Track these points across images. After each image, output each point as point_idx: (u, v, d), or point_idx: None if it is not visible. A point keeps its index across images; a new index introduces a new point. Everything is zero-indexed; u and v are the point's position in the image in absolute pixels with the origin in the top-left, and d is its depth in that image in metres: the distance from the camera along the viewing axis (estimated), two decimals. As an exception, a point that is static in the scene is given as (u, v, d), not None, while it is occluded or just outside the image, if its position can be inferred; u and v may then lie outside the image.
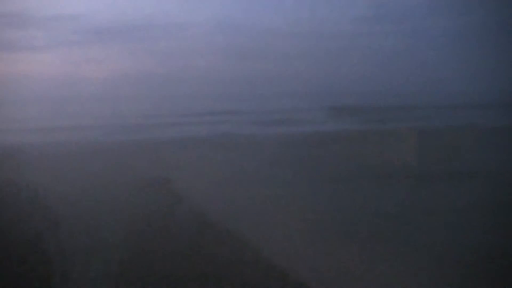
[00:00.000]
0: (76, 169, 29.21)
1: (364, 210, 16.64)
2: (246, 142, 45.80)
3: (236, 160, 27.48)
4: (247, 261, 11.65)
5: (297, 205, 16.33)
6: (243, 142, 45.97)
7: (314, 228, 13.43)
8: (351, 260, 12.05)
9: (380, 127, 55.67)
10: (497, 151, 31.41)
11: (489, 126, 40.35)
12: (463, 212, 17.88)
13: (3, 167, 29.56)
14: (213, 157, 28.91)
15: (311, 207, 16.05)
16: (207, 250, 12.38)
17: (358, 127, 57.52)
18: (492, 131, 35.29)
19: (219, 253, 12.16)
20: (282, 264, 11.86)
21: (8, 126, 66.60)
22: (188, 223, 13.37)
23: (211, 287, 11.47)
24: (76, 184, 26.72)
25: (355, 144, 39.54)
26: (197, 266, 12.49)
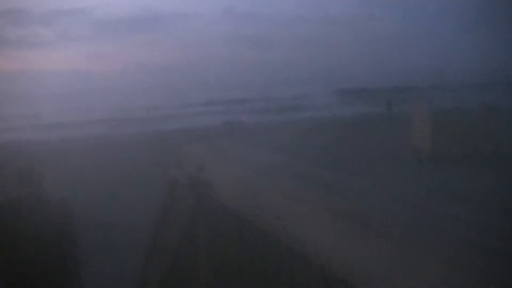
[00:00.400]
0: (91, 165, 28.99)
1: (383, 197, 16.42)
2: (256, 130, 45.68)
3: (250, 149, 27.24)
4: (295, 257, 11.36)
5: (315, 194, 16.05)
6: (254, 130, 45.85)
7: (333, 217, 13.18)
8: (371, 249, 11.81)
9: (390, 109, 55.05)
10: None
11: (503, 106, 39.50)
12: (483, 196, 17.56)
13: (16, 164, 29.35)
14: (226, 147, 28.66)
15: (329, 195, 15.82)
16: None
17: (368, 110, 56.82)
18: (507, 111, 34.48)
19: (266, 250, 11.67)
20: (305, 251, 11.59)
21: (19, 124, 66.62)
22: (226, 222, 12.76)
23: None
24: (92, 180, 26.45)
25: (366, 127, 39.05)
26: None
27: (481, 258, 10.69)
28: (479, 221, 14.28)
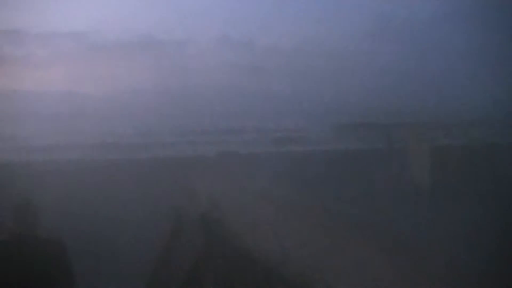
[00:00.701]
0: (87, 193, 28.54)
1: (376, 230, 16.24)
2: (250, 161, 45.55)
3: (244, 179, 27.05)
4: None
5: (307, 225, 15.79)
6: (247, 161, 45.69)
7: (326, 248, 13.01)
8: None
9: (389, 145, 55.22)
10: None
11: (505, 144, 39.82)
12: (480, 234, 17.40)
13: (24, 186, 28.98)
14: (219, 177, 28.56)
15: (322, 226, 15.56)
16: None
17: (366, 146, 56.97)
18: (508, 148, 34.58)
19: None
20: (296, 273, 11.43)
21: (8, 144, 66.15)
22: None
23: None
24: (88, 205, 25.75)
25: (363, 162, 38.99)
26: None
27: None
28: (472, 262, 14.27)
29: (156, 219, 21.00)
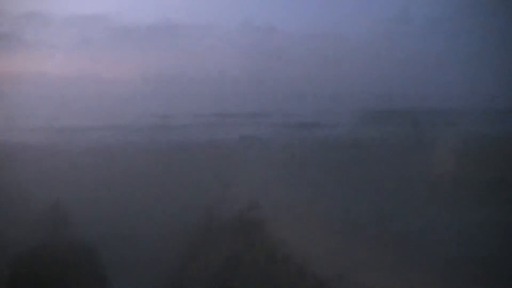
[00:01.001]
0: (109, 179, 28.38)
1: (404, 219, 16.07)
2: (272, 145, 45.06)
3: (266, 164, 26.67)
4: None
5: (331, 216, 15.62)
6: (269, 145, 45.26)
7: (352, 236, 12.83)
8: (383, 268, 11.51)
9: (416, 132, 54.45)
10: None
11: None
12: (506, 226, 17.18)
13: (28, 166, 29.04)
14: (240, 161, 28.16)
15: (347, 217, 15.40)
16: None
17: (392, 131, 56.23)
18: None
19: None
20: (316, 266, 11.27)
21: (28, 125, 66.83)
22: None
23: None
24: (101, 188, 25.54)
25: (389, 149, 38.35)
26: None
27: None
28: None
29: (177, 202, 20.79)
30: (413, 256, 13.54)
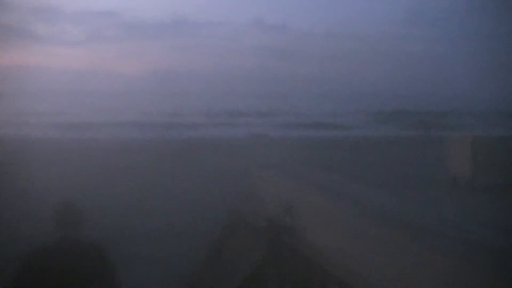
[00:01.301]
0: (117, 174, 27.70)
1: (414, 220, 15.81)
2: (282, 145, 44.66)
3: (278, 164, 26.26)
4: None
5: (342, 214, 15.33)
6: (279, 145, 44.88)
7: (359, 237, 12.58)
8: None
9: (428, 133, 53.73)
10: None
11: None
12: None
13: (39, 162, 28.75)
14: (249, 160, 27.78)
15: (356, 216, 15.11)
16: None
17: (405, 133, 55.43)
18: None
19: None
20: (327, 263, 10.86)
21: (40, 120, 66.34)
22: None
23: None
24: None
25: (402, 150, 37.84)
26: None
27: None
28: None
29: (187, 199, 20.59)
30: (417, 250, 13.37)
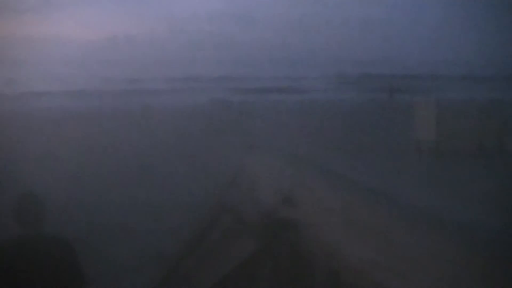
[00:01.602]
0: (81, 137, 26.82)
1: (378, 185, 15.75)
2: (244, 109, 44.20)
3: (237, 129, 25.80)
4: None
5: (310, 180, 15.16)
6: (241, 109, 44.42)
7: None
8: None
9: (389, 97, 53.52)
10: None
11: (508, 100, 38.55)
12: (486, 194, 16.91)
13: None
14: (212, 126, 27.42)
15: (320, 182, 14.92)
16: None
17: (366, 97, 55.09)
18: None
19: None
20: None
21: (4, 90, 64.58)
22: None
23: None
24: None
25: (362, 115, 37.63)
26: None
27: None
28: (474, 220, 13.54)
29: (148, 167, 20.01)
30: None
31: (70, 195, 15.09)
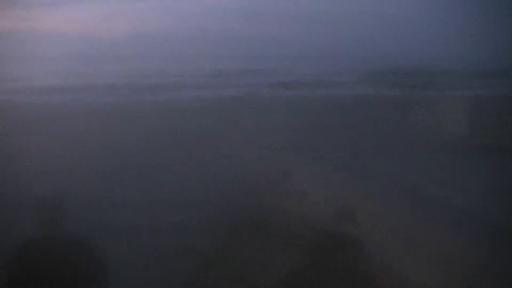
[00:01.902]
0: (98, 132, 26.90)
1: (408, 183, 15.45)
2: (268, 105, 43.97)
3: (266, 125, 25.79)
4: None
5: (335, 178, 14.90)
6: (266, 105, 44.14)
7: (357, 202, 12.19)
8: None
9: (419, 93, 53.28)
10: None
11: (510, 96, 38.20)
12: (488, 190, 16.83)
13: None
14: (236, 121, 27.38)
15: (352, 179, 14.62)
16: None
17: (396, 93, 55.00)
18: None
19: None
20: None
21: (17, 85, 64.91)
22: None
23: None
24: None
25: (393, 110, 37.31)
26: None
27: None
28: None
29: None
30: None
31: (88, 193, 14.95)
